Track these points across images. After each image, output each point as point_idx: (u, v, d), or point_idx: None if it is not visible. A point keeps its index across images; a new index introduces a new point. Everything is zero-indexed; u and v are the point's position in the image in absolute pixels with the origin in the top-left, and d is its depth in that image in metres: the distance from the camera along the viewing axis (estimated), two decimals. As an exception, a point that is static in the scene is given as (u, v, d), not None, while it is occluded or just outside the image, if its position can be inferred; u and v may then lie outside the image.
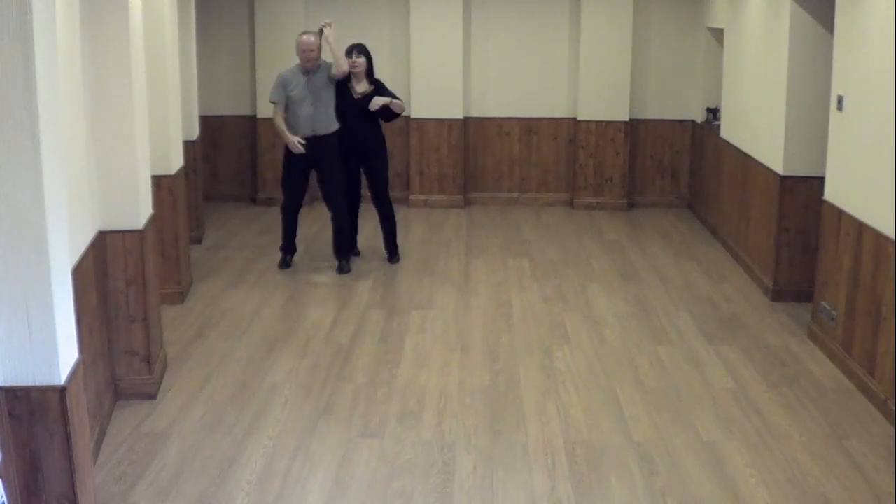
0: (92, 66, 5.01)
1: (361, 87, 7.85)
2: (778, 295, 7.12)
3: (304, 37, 7.70)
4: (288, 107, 7.69)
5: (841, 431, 5.03)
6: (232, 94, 10.29)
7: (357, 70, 7.77)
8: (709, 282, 7.69)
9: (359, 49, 7.82)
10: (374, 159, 7.96)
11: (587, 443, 4.89)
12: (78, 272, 4.40)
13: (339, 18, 10.18)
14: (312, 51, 7.65)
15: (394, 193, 10.39)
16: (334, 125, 7.75)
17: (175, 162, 6.96)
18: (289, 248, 8.03)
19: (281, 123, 7.70)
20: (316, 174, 7.87)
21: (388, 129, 10.22)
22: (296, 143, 7.62)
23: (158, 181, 6.52)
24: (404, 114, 10.21)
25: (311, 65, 7.65)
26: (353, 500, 4.35)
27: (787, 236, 7.06)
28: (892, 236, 5.17)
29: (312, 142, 7.67)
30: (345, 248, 7.94)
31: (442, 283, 7.61)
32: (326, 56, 7.77)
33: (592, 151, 10.29)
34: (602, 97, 10.16)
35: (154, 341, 5.50)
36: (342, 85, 7.77)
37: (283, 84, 7.66)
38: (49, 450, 3.16)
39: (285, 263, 7.96)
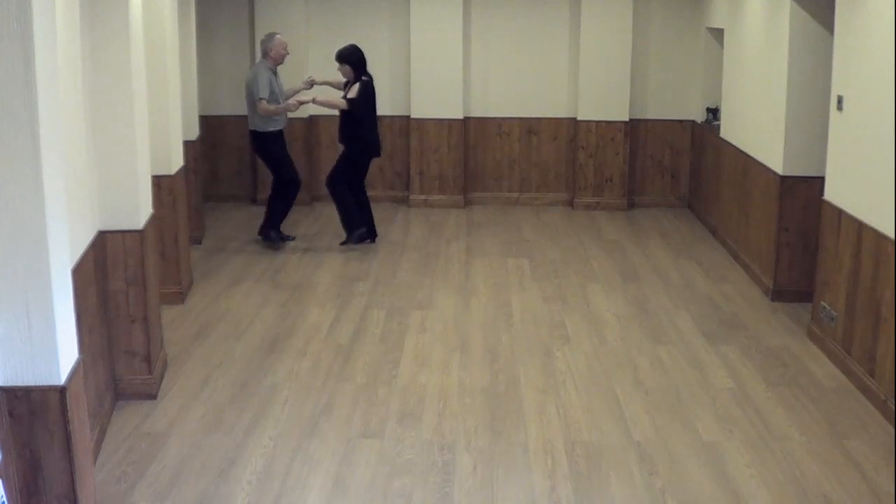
0: (92, 66, 5.01)
1: (350, 90, 8.28)
2: (778, 295, 7.12)
3: (282, 37, 8.37)
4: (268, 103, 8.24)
5: (841, 431, 5.03)
6: (232, 94, 10.26)
7: (346, 76, 8.33)
8: (709, 282, 7.69)
9: (339, 58, 8.27)
10: (345, 153, 8.44)
11: (587, 443, 4.89)
12: (78, 272, 4.40)
13: (338, 18, 10.22)
14: (287, 48, 8.39)
15: (394, 193, 10.47)
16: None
17: (175, 162, 6.96)
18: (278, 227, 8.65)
19: (273, 106, 8.17)
20: None
21: (388, 128, 10.31)
22: (296, 102, 8.25)
23: (158, 181, 6.52)
24: (406, 114, 10.31)
25: (282, 62, 8.37)
26: (353, 500, 4.35)
27: (787, 236, 7.06)
28: (892, 236, 5.17)
29: (283, 134, 8.46)
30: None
31: (442, 283, 7.61)
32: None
33: (592, 151, 10.28)
34: (602, 97, 10.15)
35: (154, 341, 5.50)
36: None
37: (270, 81, 8.20)
38: (49, 450, 3.16)
39: (279, 239, 8.57)
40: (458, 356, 6.08)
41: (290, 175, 8.50)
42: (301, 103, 8.21)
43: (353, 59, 8.18)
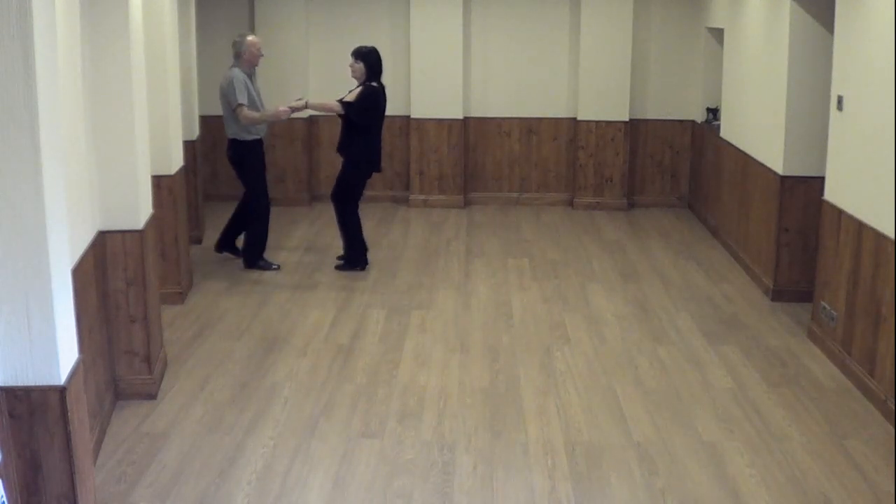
0: (92, 66, 5.01)
1: (350, 94, 7.69)
2: (778, 295, 7.12)
3: (255, 37, 7.78)
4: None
5: (841, 431, 5.03)
6: (232, 94, 10.26)
7: (355, 76, 7.66)
8: (709, 282, 7.69)
9: (356, 54, 7.67)
10: (343, 165, 7.83)
11: (587, 443, 4.89)
12: (78, 272, 4.40)
13: (338, 18, 10.22)
14: (260, 48, 7.79)
15: (394, 193, 10.47)
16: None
17: (175, 162, 6.96)
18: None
19: (258, 114, 7.62)
20: None
21: (388, 129, 10.28)
22: (287, 108, 7.64)
23: (158, 181, 6.52)
24: (406, 114, 10.30)
25: (257, 65, 7.79)
26: (353, 500, 4.35)
27: (787, 236, 7.06)
28: (892, 236, 5.17)
29: (262, 144, 7.84)
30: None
31: (442, 283, 7.61)
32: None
33: (592, 151, 10.29)
34: (602, 97, 10.16)
35: (154, 341, 5.50)
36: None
37: (247, 85, 7.59)
38: (49, 450, 3.16)
39: (268, 265, 7.92)
40: (458, 356, 6.08)
41: (263, 193, 7.89)
42: (294, 110, 7.68)
43: (370, 59, 7.57)
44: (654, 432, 5.01)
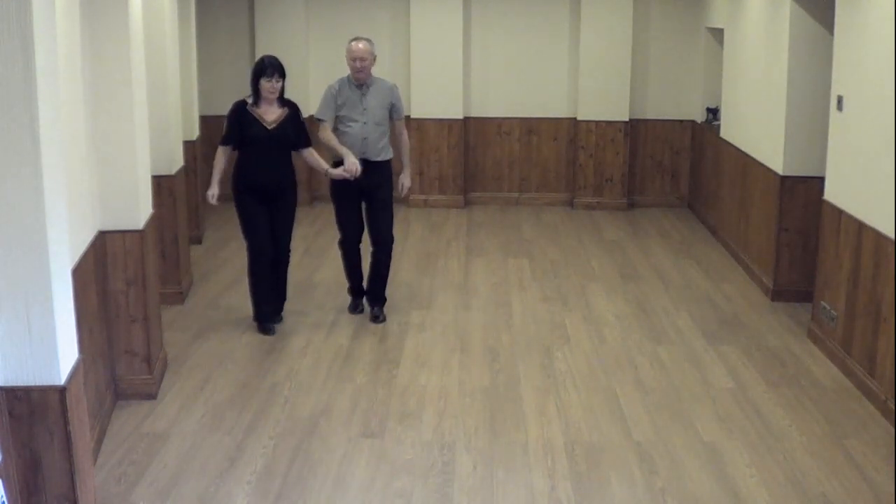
0: (92, 66, 5.01)
1: (273, 113, 6.28)
2: (778, 295, 7.12)
3: (353, 43, 6.46)
4: (336, 123, 6.59)
5: (841, 431, 5.03)
6: (232, 94, 10.09)
7: (274, 95, 6.24)
8: (709, 282, 7.69)
9: (280, 70, 6.22)
10: (284, 200, 6.48)
11: (587, 443, 4.89)
12: (78, 272, 4.39)
13: (338, 18, 10.22)
14: (364, 59, 6.42)
15: (394, 193, 10.43)
16: (388, 152, 6.66)
17: (175, 162, 6.96)
18: (358, 288, 6.90)
19: (331, 137, 6.50)
20: (365, 205, 6.68)
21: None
22: (355, 162, 6.34)
23: (158, 181, 6.52)
24: (406, 114, 10.28)
25: (362, 76, 6.45)
26: (353, 500, 4.35)
27: (787, 236, 7.06)
28: (892, 236, 5.17)
29: (363, 166, 6.42)
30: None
31: (442, 283, 7.61)
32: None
33: (592, 151, 10.29)
34: (602, 97, 10.16)
35: (154, 341, 5.50)
36: (244, 112, 6.25)
37: (331, 97, 6.52)
38: (49, 450, 3.16)
39: (356, 307, 6.89)
40: (457, 356, 6.08)
41: (339, 223, 6.77)
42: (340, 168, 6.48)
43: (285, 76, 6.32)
44: (654, 432, 5.01)
